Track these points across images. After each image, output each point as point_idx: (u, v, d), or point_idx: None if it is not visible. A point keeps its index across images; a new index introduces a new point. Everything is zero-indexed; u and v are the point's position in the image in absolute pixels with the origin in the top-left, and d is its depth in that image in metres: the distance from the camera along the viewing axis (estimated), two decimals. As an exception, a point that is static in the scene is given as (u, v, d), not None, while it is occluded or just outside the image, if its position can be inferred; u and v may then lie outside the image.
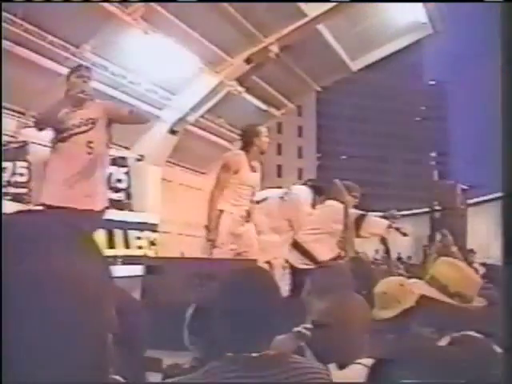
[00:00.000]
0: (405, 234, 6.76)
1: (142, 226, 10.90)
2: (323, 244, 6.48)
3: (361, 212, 6.65)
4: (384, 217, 6.80)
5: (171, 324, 2.97)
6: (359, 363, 2.33)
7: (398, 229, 6.65)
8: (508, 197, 1.97)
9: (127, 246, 10.30)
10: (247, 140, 6.13)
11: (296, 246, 6.54)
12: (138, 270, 5.84)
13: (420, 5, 11.59)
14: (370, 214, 6.76)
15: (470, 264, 11.04)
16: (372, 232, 6.71)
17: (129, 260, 9.34)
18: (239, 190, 6.01)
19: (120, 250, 9.98)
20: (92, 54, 9.86)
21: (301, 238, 6.53)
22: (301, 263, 6.38)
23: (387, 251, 8.99)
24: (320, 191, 7.11)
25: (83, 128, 5.16)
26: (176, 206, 12.66)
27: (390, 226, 6.61)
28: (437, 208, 15.64)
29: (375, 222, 6.74)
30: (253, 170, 6.10)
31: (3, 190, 9.47)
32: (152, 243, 11.10)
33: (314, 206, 6.92)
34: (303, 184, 7.62)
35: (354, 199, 6.77)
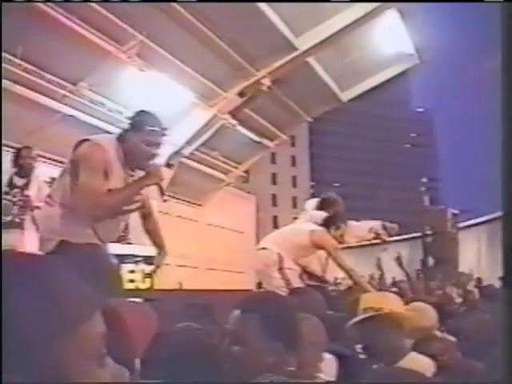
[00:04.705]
0: (384, 240, 6.84)
1: (138, 259, 10.93)
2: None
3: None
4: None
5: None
6: None
7: (377, 233, 6.75)
8: (507, 216, 2.13)
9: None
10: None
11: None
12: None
13: (406, 36, 11.90)
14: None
15: (463, 286, 11.22)
16: (358, 235, 6.82)
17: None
18: None
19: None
20: (89, 91, 10.08)
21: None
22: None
23: (381, 275, 9.09)
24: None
25: None
26: (173, 237, 12.77)
27: (371, 229, 6.74)
28: (428, 232, 15.81)
29: (358, 226, 6.86)
30: None
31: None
32: (147, 276, 11.14)
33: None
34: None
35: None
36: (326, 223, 6.11)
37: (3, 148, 9.60)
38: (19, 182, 6.76)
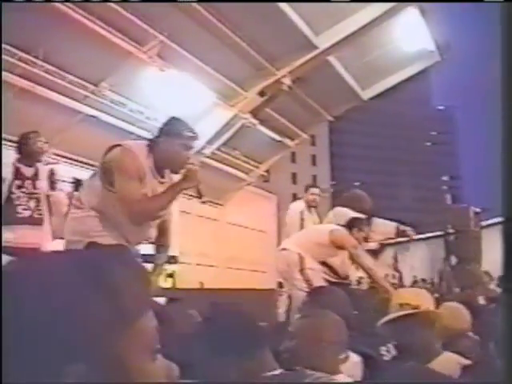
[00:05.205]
0: (411, 237, 6.89)
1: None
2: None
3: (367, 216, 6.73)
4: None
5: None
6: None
7: (404, 231, 6.81)
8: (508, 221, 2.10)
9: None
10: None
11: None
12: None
13: (427, 34, 11.83)
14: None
15: (487, 285, 11.15)
16: (383, 232, 6.86)
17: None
18: None
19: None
20: (110, 92, 10.15)
21: None
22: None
23: (400, 276, 9.10)
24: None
25: None
26: (194, 237, 12.82)
27: (398, 228, 6.79)
28: (451, 231, 15.67)
29: (383, 223, 6.91)
30: None
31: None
32: (169, 275, 11.21)
33: None
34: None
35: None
36: (349, 225, 6.14)
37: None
38: (28, 172, 5.98)
